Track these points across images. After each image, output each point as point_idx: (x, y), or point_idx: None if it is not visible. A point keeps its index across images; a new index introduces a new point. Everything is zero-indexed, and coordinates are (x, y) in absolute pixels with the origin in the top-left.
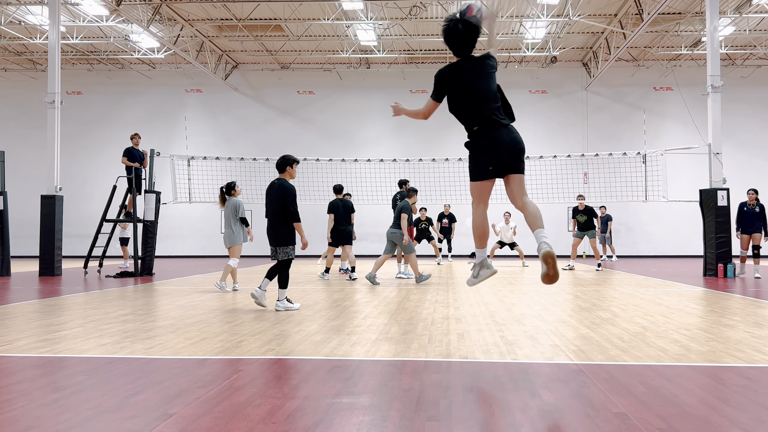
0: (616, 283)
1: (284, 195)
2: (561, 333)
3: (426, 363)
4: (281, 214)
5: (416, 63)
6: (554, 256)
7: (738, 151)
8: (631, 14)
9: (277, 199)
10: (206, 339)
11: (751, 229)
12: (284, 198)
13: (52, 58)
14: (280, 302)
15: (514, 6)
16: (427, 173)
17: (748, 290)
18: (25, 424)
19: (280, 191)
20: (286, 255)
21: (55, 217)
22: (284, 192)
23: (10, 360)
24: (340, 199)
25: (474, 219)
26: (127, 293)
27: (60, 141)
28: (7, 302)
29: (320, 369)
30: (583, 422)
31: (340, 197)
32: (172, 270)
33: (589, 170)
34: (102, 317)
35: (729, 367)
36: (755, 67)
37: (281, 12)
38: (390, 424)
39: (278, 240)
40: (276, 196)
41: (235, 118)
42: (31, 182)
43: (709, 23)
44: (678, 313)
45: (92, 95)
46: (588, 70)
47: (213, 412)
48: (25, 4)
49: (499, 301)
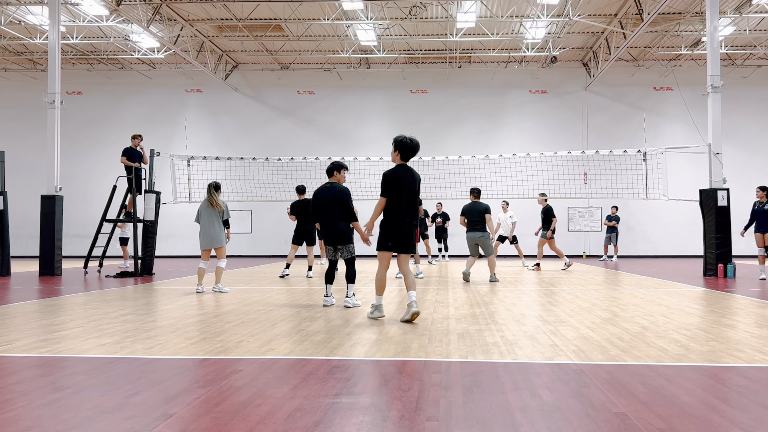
0: (616, 283)
1: (343, 198)
2: (561, 333)
3: (426, 363)
4: (342, 215)
5: (416, 63)
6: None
7: (738, 151)
8: (631, 14)
9: (337, 201)
10: (206, 339)
11: (763, 228)
12: (343, 200)
13: (52, 58)
14: (350, 298)
15: (514, 6)
16: (427, 173)
17: (748, 290)
18: (25, 424)
19: (339, 194)
20: (349, 253)
21: (55, 217)
22: (343, 195)
23: (10, 360)
24: (304, 200)
25: (377, 274)
26: (127, 293)
27: (60, 141)
28: (7, 302)
29: (320, 369)
30: (583, 422)
31: (302, 198)
32: (172, 270)
33: (589, 170)
34: (102, 317)
35: (729, 367)
36: (755, 67)
37: (281, 12)
38: (390, 424)
39: (342, 239)
40: (334, 198)
41: (235, 118)
42: (31, 182)
43: (709, 23)
44: (678, 313)
45: (92, 95)
46: (588, 70)
47: (213, 412)
48: (25, 4)
49: (499, 301)
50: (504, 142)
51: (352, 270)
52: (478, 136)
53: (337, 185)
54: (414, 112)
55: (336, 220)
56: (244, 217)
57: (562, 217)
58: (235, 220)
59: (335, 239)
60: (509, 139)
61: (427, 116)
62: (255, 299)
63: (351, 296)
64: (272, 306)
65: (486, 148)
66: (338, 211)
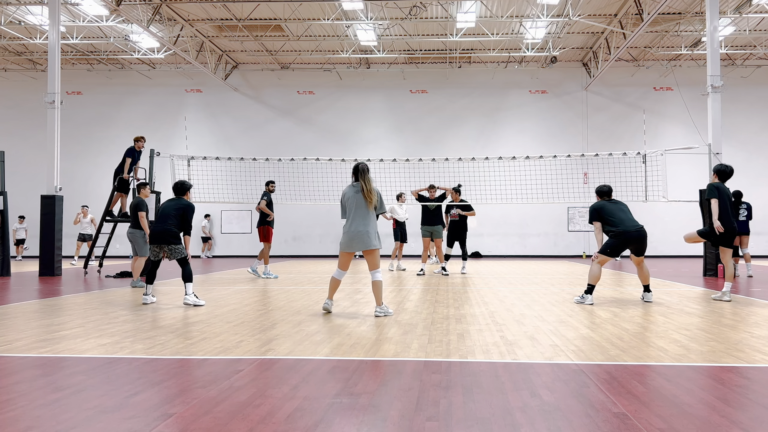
0: (616, 283)
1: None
2: (561, 333)
3: (426, 363)
4: (371, 215)
5: (416, 63)
6: None
7: (738, 151)
8: (631, 14)
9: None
10: (206, 339)
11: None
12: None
13: (52, 58)
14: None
15: (514, 6)
16: (427, 173)
17: (748, 290)
18: (25, 424)
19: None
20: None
21: (55, 217)
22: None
23: (10, 360)
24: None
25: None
26: (127, 293)
27: (60, 141)
28: (7, 302)
29: (320, 369)
30: (583, 422)
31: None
32: (171, 270)
33: (588, 170)
34: (102, 317)
35: (729, 367)
36: (755, 67)
37: (281, 12)
38: (390, 424)
39: (374, 239)
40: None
41: (235, 118)
42: (31, 182)
43: (709, 23)
44: (678, 313)
45: (92, 95)
46: (588, 70)
47: (213, 412)
48: (25, 4)
49: (499, 301)
50: (504, 143)
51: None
52: (478, 136)
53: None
54: (414, 112)
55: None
56: (244, 217)
57: (563, 217)
58: (235, 220)
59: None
60: (509, 140)
61: (427, 116)
62: (255, 299)
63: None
64: (272, 306)
65: (486, 148)
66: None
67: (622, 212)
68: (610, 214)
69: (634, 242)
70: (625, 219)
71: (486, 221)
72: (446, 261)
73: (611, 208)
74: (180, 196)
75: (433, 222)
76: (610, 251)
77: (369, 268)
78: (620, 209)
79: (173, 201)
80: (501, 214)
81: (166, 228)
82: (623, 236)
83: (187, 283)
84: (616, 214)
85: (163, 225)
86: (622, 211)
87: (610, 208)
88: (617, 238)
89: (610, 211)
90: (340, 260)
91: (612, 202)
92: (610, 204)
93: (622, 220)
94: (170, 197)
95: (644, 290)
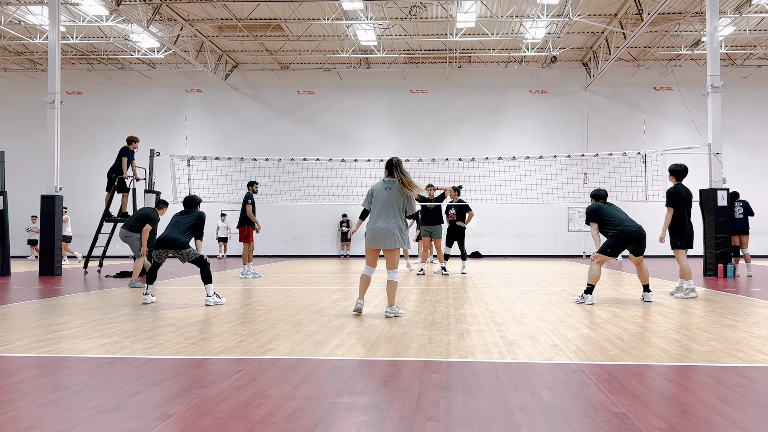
0: (616, 283)
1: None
2: (561, 333)
3: (426, 363)
4: (400, 214)
5: (416, 63)
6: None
7: (738, 151)
8: (631, 14)
9: (398, 198)
10: (206, 339)
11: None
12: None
13: (52, 58)
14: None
15: (514, 6)
16: (427, 173)
17: (748, 290)
18: (25, 424)
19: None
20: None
21: (55, 217)
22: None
23: (10, 360)
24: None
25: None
26: (126, 293)
27: (60, 141)
28: (7, 302)
29: (320, 369)
30: (583, 422)
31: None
32: (172, 270)
33: (589, 170)
34: (102, 317)
35: (729, 367)
36: (755, 67)
37: (281, 12)
38: (390, 424)
39: (396, 239)
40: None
41: (235, 118)
42: (31, 182)
43: (709, 23)
44: (678, 313)
45: (92, 95)
46: (588, 70)
47: (213, 412)
48: (25, 4)
49: (499, 301)
50: (504, 142)
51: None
52: (478, 136)
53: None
54: (414, 112)
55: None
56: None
57: (563, 217)
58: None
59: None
60: (509, 139)
61: (427, 116)
62: (255, 299)
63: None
64: (272, 306)
65: (486, 148)
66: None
67: (620, 213)
68: (608, 215)
69: (633, 242)
70: (624, 219)
71: (486, 221)
72: (446, 261)
73: (609, 208)
74: (191, 209)
75: (432, 222)
76: (610, 251)
77: (386, 267)
78: (618, 210)
79: (185, 214)
80: (501, 214)
81: (175, 236)
82: (623, 236)
83: (207, 284)
84: (615, 215)
85: (174, 233)
86: (620, 212)
87: (608, 209)
88: (617, 237)
89: (608, 212)
90: (367, 256)
91: (608, 205)
92: (606, 205)
93: (622, 219)
94: (181, 210)
95: (644, 290)
